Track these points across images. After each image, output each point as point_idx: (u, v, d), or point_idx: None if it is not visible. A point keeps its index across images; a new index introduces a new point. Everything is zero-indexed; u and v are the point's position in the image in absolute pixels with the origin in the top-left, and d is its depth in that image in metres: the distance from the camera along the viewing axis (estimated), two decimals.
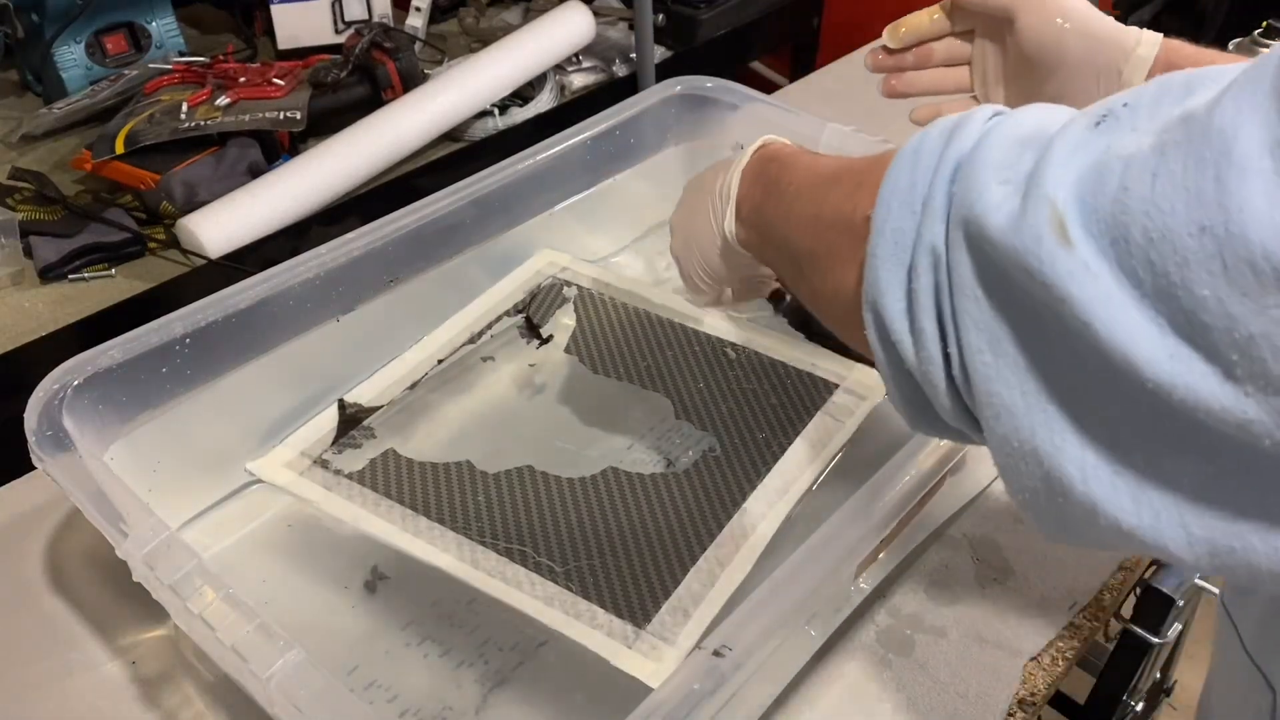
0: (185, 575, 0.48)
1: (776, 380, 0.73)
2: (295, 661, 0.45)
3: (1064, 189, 0.28)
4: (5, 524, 0.66)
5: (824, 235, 0.44)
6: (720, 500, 0.64)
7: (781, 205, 0.50)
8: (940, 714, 0.56)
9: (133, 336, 0.61)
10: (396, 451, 0.67)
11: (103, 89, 1.13)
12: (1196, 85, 0.29)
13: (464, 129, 1.15)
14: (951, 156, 0.34)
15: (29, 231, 0.94)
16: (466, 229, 0.75)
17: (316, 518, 0.64)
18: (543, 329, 0.78)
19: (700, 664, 0.45)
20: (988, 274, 0.31)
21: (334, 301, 0.69)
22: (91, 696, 0.57)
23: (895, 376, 0.36)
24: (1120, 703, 0.84)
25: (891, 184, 0.35)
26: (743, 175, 0.55)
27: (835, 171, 0.47)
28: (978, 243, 0.31)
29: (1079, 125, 0.30)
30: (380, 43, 1.15)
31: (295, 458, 0.67)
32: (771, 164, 0.54)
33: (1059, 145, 0.30)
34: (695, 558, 0.60)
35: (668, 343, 0.76)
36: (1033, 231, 0.28)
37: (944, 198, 0.33)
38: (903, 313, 0.34)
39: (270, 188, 0.98)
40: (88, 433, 0.58)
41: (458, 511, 0.63)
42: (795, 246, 0.47)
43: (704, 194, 0.59)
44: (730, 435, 0.69)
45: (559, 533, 0.62)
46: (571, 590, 0.58)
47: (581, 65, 1.26)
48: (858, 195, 0.42)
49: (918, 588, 0.63)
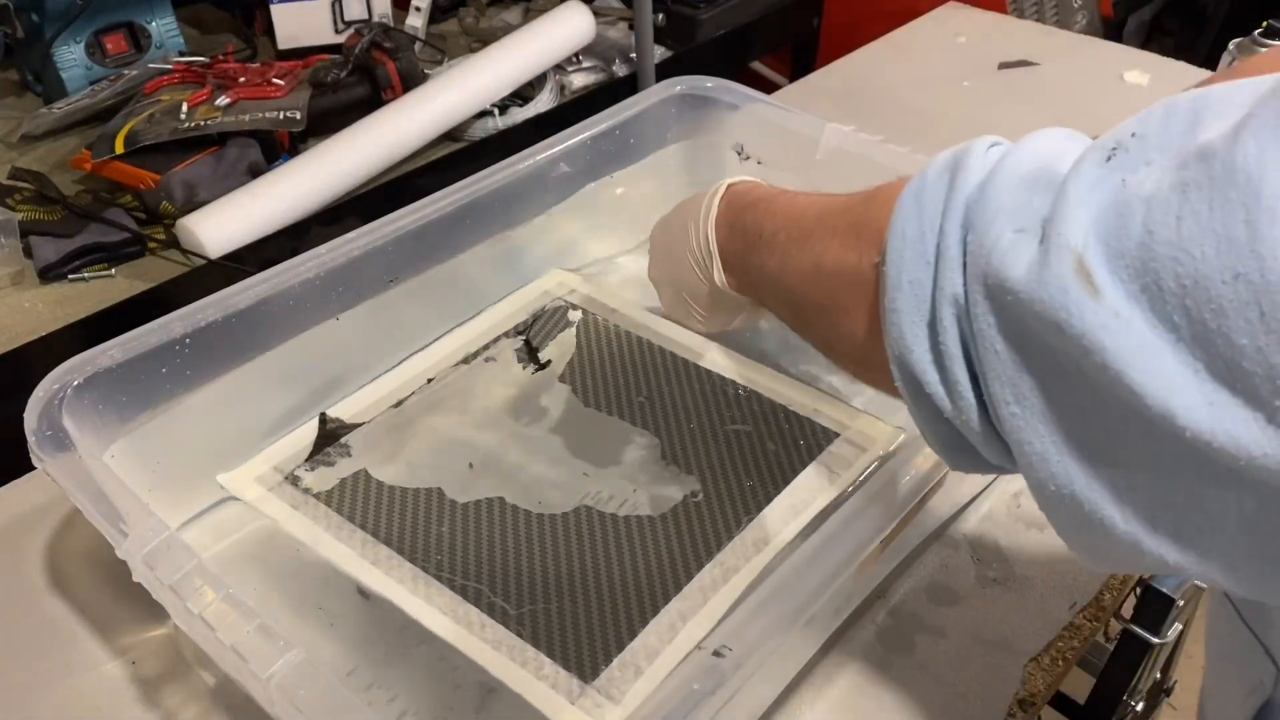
0: (185, 575, 0.48)
1: (775, 424, 0.69)
2: (295, 661, 0.45)
3: (1085, 234, 0.28)
4: (5, 524, 0.66)
5: (828, 287, 0.43)
6: (694, 549, 0.61)
7: (772, 257, 0.49)
8: (940, 714, 0.56)
9: (132, 337, 0.61)
10: (369, 473, 0.66)
11: (103, 89, 1.13)
12: (1204, 112, 0.28)
13: (464, 129, 1.15)
14: (959, 200, 0.33)
15: (29, 231, 0.94)
16: (466, 229, 0.75)
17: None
18: (542, 353, 0.76)
19: (700, 664, 0.45)
20: (1010, 327, 0.30)
21: (334, 301, 0.69)
22: (91, 696, 0.57)
23: (930, 424, 0.36)
24: (1120, 703, 0.84)
25: (900, 233, 0.35)
26: (716, 227, 0.54)
27: (821, 215, 0.45)
28: (998, 295, 0.30)
29: (1090, 162, 0.29)
30: (380, 43, 1.15)
31: (267, 472, 0.65)
32: (745, 213, 0.52)
33: (1073, 187, 0.29)
34: (658, 609, 0.57)
35: (667, 377, 0.73)
36: (1057, 283, 0.28)
37: (958, 246, 0.32)
38: (932, 365, 0.34)
39: (270, 188, 0.98)
40: (87, 433, 0.58)
41: (419, 542, 0.61)
42: (797, 297, 0.46)
43: (681, 246, 0.58)
44: (715, 480, 0.65)
45: (520, 572, 0.59)
46: (522, 636, 0.55)
47: (581, 65, 1.26)
48: (860, 245, 0.41)
49: (918, 588, 0.63)
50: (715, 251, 0.55)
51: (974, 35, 1.27)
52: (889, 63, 1.21)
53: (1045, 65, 1.20)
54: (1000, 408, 0.31)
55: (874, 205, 0.40)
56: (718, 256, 0.55)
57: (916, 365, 0.34)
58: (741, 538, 0.61)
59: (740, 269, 0.54)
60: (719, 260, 0.55)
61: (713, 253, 0.55)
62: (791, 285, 0.47)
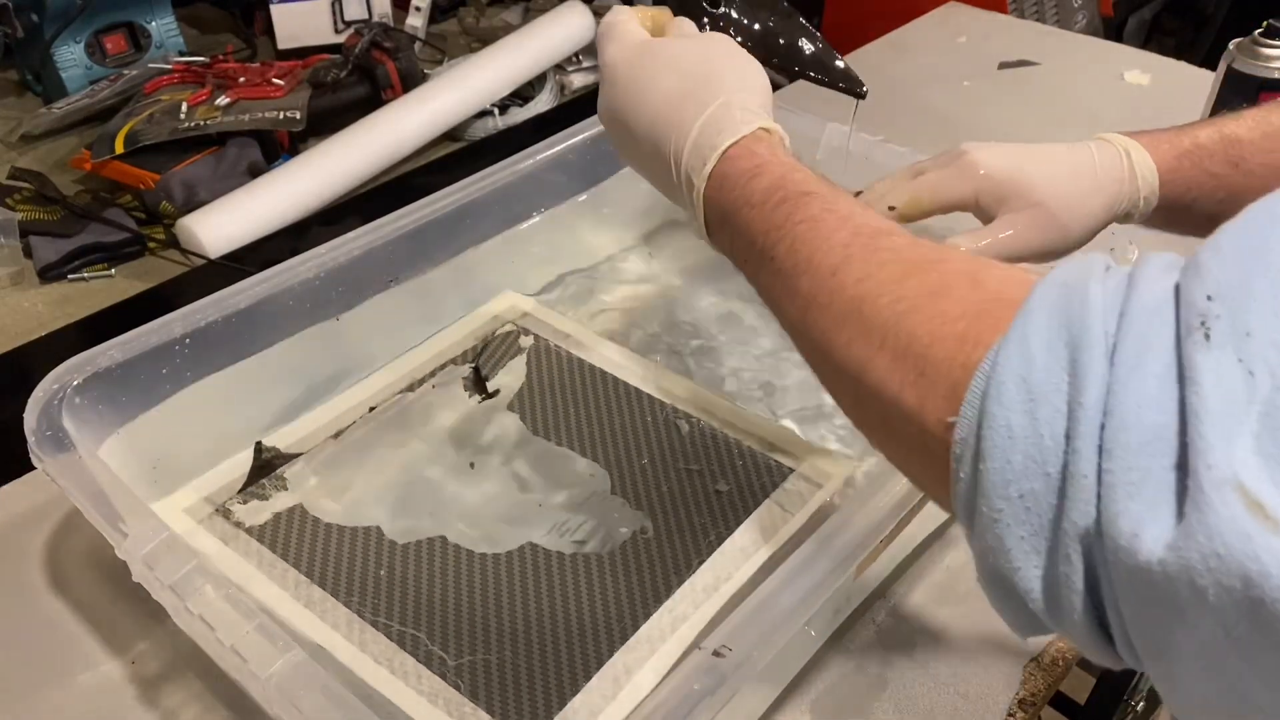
0: (185, 575, 0.48)
1: (728, 459, 0.66)
2: (295, 661, 0.45)
3: (1231, 452, 0.23)
4: (5, 524, 0.66)
5: (871, 406, 0.36)
6: (642, 594, 0.58)
7: (788, 298, 0.40)
8: (940, 714, 0.56)
9: (132, 336, 0.61)
10: (304, 508, 0.63)
11: (102, 89, 1.13)
12: (1271, 240, 0.25)
13: (464, 129, 1.15)
14: (1091, 417, 0.26)
15: (29, 231, 0.94)
16: (466, 229, 0.75)
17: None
18: (491, 381, 0.73)
19: (700, 664, 0.45)
20: (1162, 589, 0.24)
21: (334, 301, 0.69)
22: (91, 696, 0.57)
23: (1018, 617, 0.31)
24: (1120, 703, 0.84)
25: (1002, 426, 0.28)
26: (706, 201, 0.46)
27: (860, 291, 0.36)
28: (1143, 574, 0.25)
29: (1201, 357, 0.25)
30: (380, 42, 1.15)
31: (197, 503, 0.62)
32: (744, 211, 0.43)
33: (1197, 398, 0.24)
34: (603, 660, 0.54)
35: (619, 408, 0.70)
36: (1231, 529, 0.22)
37: (1093, 470, 0.26)
38: (1041, 588, 0.29)
39: (270, 188, 0.98)
40: (87, 433, 0.58)
41: (354, 584, 0.58)
42: (819, 367, 0.40)
43: (653, 171, 0.50)
44: (666, 516, 0.62)
45: (460, 617, 0.57)
46: (460, 690, 0.53)
47: (581, 65, 1.26)
48: (920, 384, 0.32)
49: (918, 588, 0.63)
50: (702, 219, 0.47)
51: (974, 35, 1.27)
52: (889, 63, 1.21)
53: (1045, 65, 1.20)
54: (1144, 657, 0.27)
55: (938, 327, 0.32)
56: (704, 225, 0.47)
57: (1021, 583, 0.29)
58: (691, 582, 0.59)
59: (732, 257, 0.46)
60: (704, 228, 0.47)
61: (698, 215, 0.47)
62: (813, 351, 0.39)
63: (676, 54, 0.51)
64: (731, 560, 0.60)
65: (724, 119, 0.47)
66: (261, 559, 0.60)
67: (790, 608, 0.48)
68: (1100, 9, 1.76)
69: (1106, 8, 1.76)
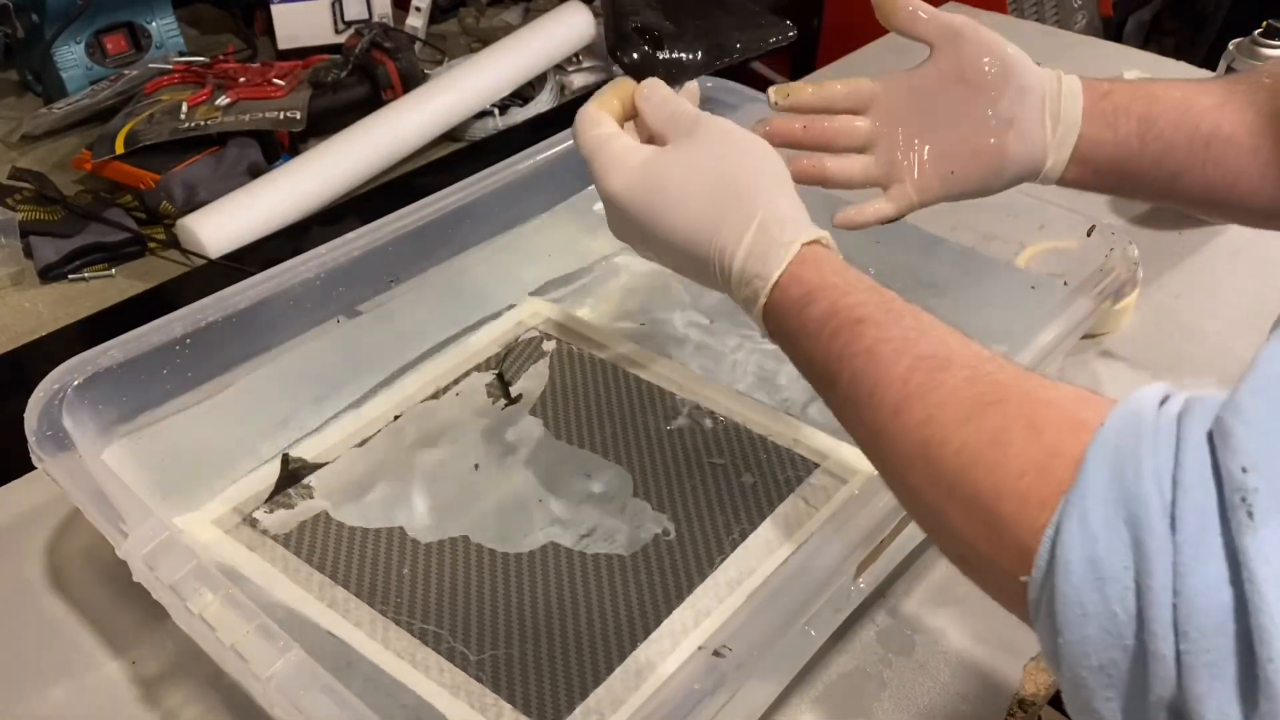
0: (185, 575, 0.48)
1: (751, 455, 0.67)
2: (295, 661, 0.45)
3: None
4: (5, 524, 0.66)
5: (952, 550, 0.37)
6: (664, 590, 0.58)
7: (857, 427, 0.41)
8: (940, 714, 0.56)
9: (133, 337, 0.61)
10: (329, 514, 0.64)
11: (103, 89, 1.13)
12: None
13: (464, 129, 1.15)
14: (1161, 594, 0.27)
15: (29, 231, 0.94)
16: (466, 229, 0.75)
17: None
18: (514, 386, 0.74)
19: (700, 664, 0.45)
20: None
21: (334, 301, 0.69)
22: (91, 696, 0.57)
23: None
24: None
25: (1075, 604, 0.29)
26: (765, 323, 0.45)
27: (926, 435, 0.36)
28: None
29: (1251, 543, 0.26)
30: (380, 43, 1.15)
31: (226, 514, 0.64)
32: (803, 339, 0.43)
33: (1267, 612, 0.25)
34: (625, 654, 0.55)
35: (642, 408, 0.71)
36: None
37: (1170, 649, 0.27)
38: None
39: (270, 188, 0.98)
40: (88, 433, 0.58)
41: (378, 585, 0.60)
42: (898, 494, 0.40)
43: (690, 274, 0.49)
44: (690, 514, 0.63)
45: (482, 614, 0.58)
46: (481, 681, 0.54)
47: (581, 65, 1.26)
48: (993, 540, 0.33)
49: (918, 588, 0.63)
50: (765, 333, 0.46)
51: None
52: (889, 63, 1.21)
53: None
54: None
55: (1001, 481, 0.33)
56: (769, 336, 0.46)
57: None
58: (714, 577, 0.59)
59: (801, 372, 0.45)
60: (769, 338, 0.46)
61: (760, 330, 0.46)
62: (889, 478, 0.40)
63: (688, 172, 0.47)
64: (755, 555, 0.60)
65: (765, 247, 0.44)
66: (286, 564, 0.61)
67: (790, 608, 0.48)
68: (1100, 9, 1.76)
69: (1106, 8, 1.76)
